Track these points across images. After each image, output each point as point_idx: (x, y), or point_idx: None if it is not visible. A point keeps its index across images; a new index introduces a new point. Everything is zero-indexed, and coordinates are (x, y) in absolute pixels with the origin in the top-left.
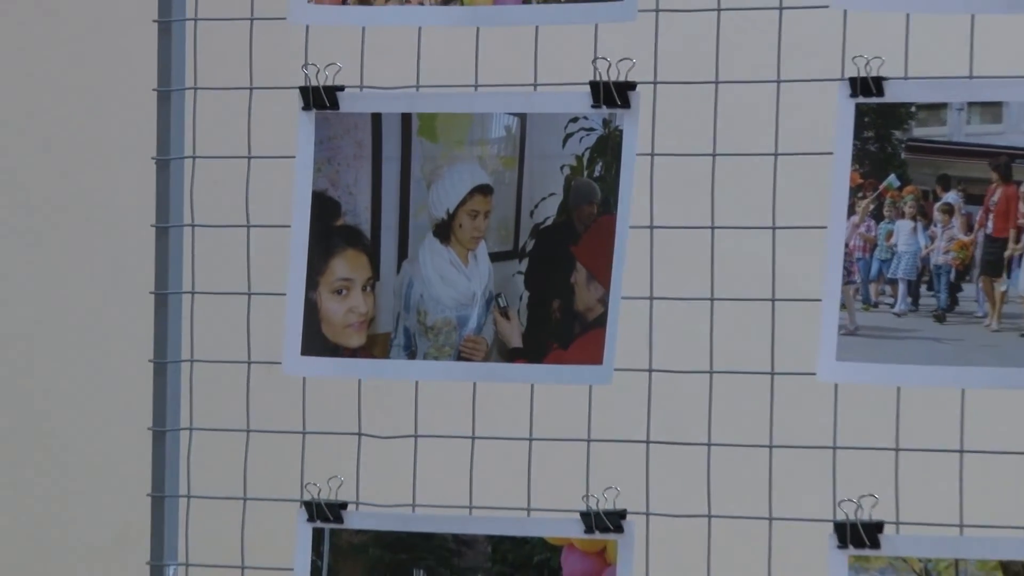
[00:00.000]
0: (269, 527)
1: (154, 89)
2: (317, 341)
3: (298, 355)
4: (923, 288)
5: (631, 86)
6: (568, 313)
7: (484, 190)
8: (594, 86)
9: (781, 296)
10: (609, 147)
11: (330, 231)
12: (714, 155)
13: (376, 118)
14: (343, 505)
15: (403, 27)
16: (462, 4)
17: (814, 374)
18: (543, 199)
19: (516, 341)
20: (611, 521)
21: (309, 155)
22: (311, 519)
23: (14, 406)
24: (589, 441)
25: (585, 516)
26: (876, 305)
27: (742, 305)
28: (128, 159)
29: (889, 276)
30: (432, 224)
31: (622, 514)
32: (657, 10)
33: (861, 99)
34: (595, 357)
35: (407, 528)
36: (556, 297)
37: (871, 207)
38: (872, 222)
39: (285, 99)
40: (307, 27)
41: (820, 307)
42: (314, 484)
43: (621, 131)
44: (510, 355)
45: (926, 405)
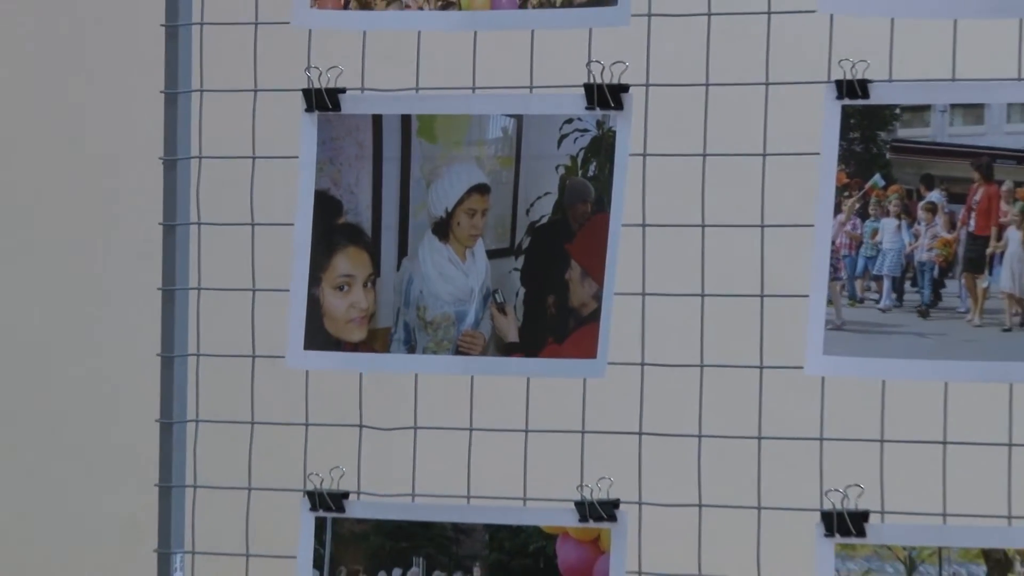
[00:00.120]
0: (273, 516)
1: (162, 91)
2: (319, 336)
3: (301, 349)
4: (907, 284)
5: (624, 88)
6: (563, 309)
7: (481, 189)
8: (588, 88)
9: (770, 292)
10: (603, 148)
11: (332, 229)
12: (704, 155)
13: (377, 119)
14: (345, 495)
15: (403, 31)
16: (460, 9)
17: (802, 368)
18: (539, 198)
19: (512, 336)
20: (604, 510)
21: (312, 155)
22: (314, 508)
23: (27, 398)
24: (583, 433)
25: (579, 505)
26: (862, 301)
27: (732, 301)
28: (136, 159)
29: (874, 273)
30: (431, 222)
31: (615, 503)
32: (649, 15)
33: (847, 101)
34: (589, 351)
35: (407, 517)
36: (551, 293)
37: (857, 206)
38: (858, 220)
39: (288, 101)
40: (310, 31)
41: (807, 303)
42: (317, 474)
43: (614, 132)
44: (507, 349)
45: (910, 398)
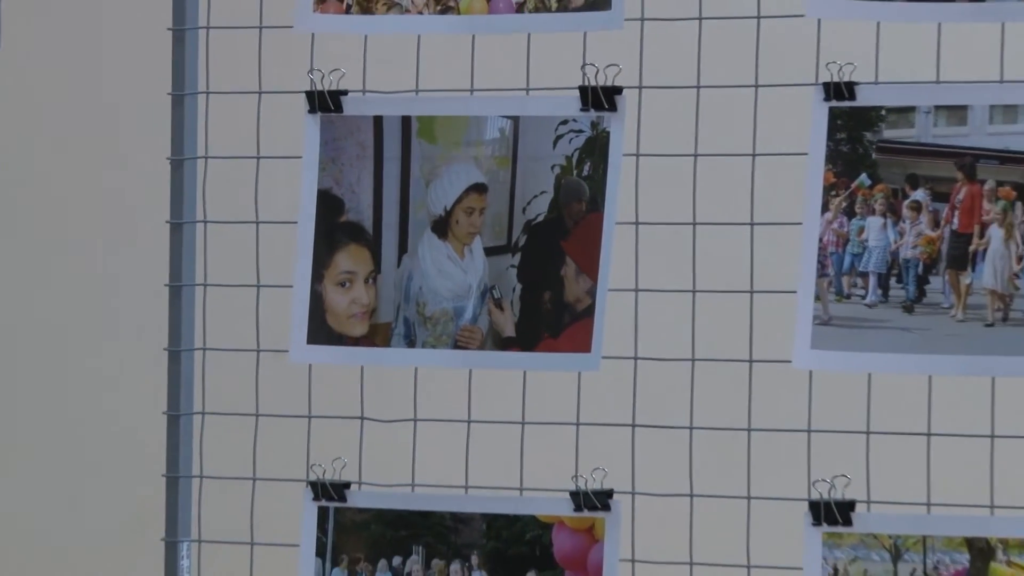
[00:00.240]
0: (277, 506)
1: (168, 93)
2: (322, 331)
3: (304, 344)
4: (892, 280)
5: (617, 90)
6: (558, 304)
7: (479, 188)
8: (583, 90)
9: (759, 288)
10: (597, 148)
11: (334, 227)
12: (696, 156)
13: (378, 120)
14: (347, 485)
15: (403, 35)
16: (459, 13)
17: (790, 362)
18: (535, 197)
19: (509, 331)
20: (599, 500)
21: (314, 155)
22: (316, 498)
23: (37, 392)
24: (578, 425)
25: (574, 495)
26: (848, 297)
27: (722, 297)
28: (144, 159)
29: (861, 269)
30: (430, 220)
31: (609, 493)
32: (642, 19)
33: (834, 103)
34: (584, 346)
35: (407, 507)
36: (547, 289)
37: (844, 204)
38: (845, 219)
39: (292, 103)
40: (312, 35)
41: (796, 299)
42: (319, 465)
43: (608, 133)
44: (504, 344)
45: (895, 391)
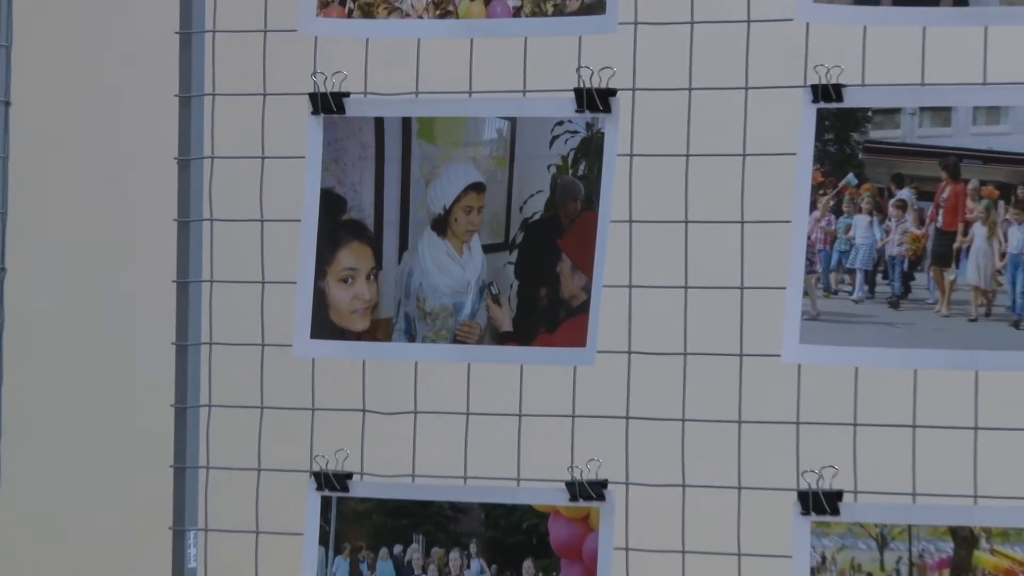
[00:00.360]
0: (281, 496)
1: (176, 95)
2: (325, 326)
3: (307, 338)
4: (879, 277)
5: (612, 92)
6: (554, 300)
7: (478, 187)
8: (578, 92)
9: (749, 285)
10: (592, 148)
11: (337, 225)
12: (688, 155)
13: (379, 122)
14: (349, 475)
15: (403, 38)
16: (457, 17)
17: (779, 356)
18: (531, 196)
19: (507, 325)
20: (593, 490)
21: (317, 156)
22: (319, 488)
23: (49, 385)
24: (573, 417)
25: (570, 485)
26: (836, 292)
27: (713, 293)
28: (152, 160)
29: (848, 266)
30: (430, 219)
31: (604, 483)
32: (636, 23)
33: (822, 104)
34: (579, 340)
35: (407, 496)
36: (543, 285)
37: (831, 203)
38: (832, 217)
39: (295, 104)
40: (315, 38)
41: (785, 295)
42: (322, 456)
43: (603, 133)
44: (501, 338)
45: (882, 384)
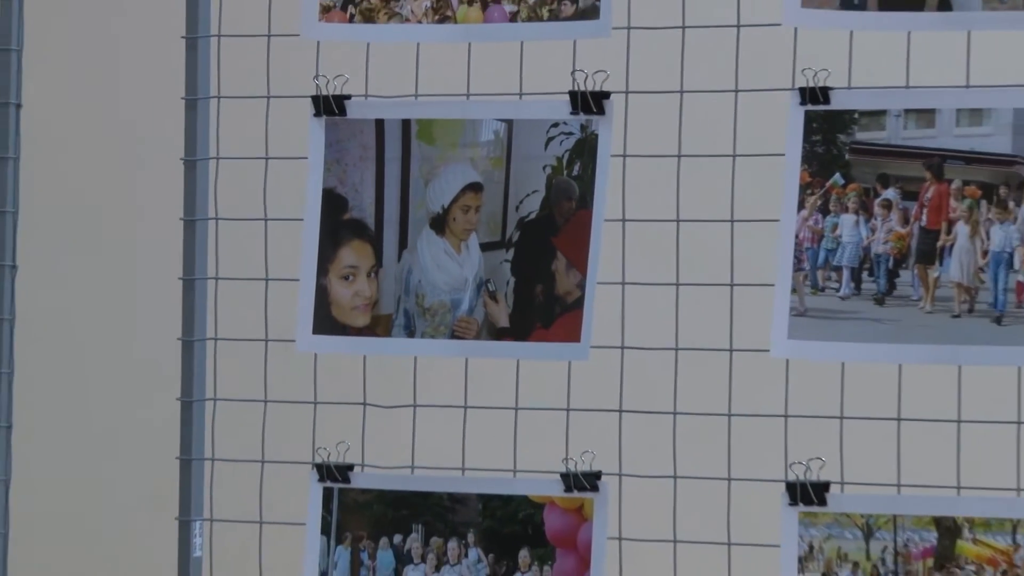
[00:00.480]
0: (284, 487)
1: (182, 98)
2: (327, 321)
3: (310, 334)
4: (865, 274)
5: (605, 95)
6: (550, 297)
7: (475, 187)
8: (573, 95)
9: (739, 282)
10: (586, 149)
11: (338, 224)
12: (679, 156)
13: (379, 123)
14: (350, 467)
15: (403, 43)
16: (456, 22)
17: (768, 351)
18: (527, 195)
19: (503, 321)
20: (587, 481)
21: (319, 157)
22: (321, 479)
23: (59, 380)
24: (568, 410)
25: (564, 477)
26: (823, 289)
27: (704, 290)
28: (159, 160)
29: (834, 264)
30: (429, 218)
31: (597, 475)
32: (629, 28)
33: (809, 107)
34: (574, 336)
35: (407, 487)
36: (539, 282)
37: (818, 203)
38: (819, 216)
39: (298, 107)
40: (318, 43)
41: (773, 291)
42: (324, 448)
43: (597, 135)
44: (498, 334)
45: (867, 378)
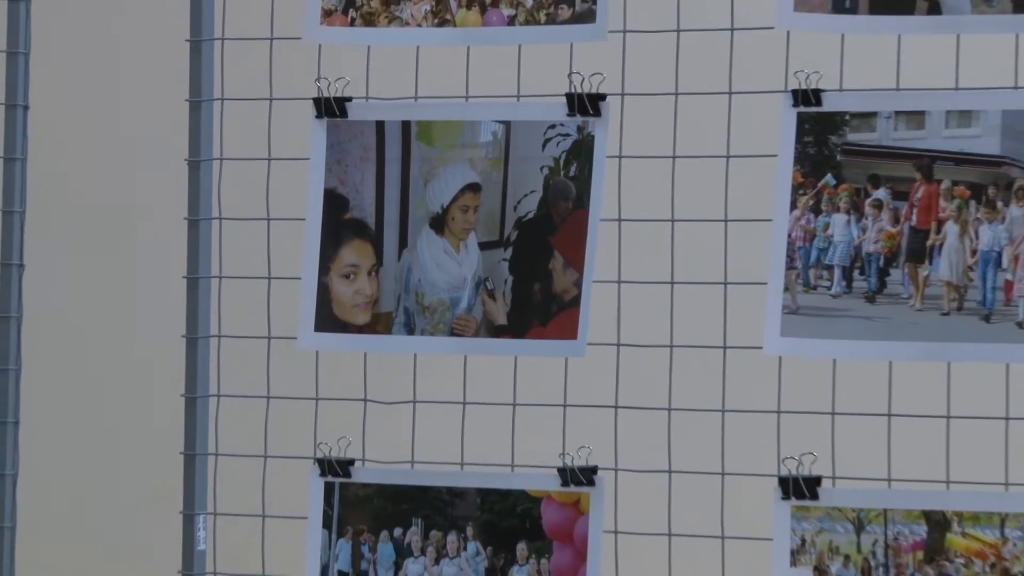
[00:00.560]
0: (286, 481)
1: (186, 100)
2: (328, 319)
3: (311, 331)
4: (856, 273)
5: (602, 97)
6: (547, 295)
7: (474, 188)
8: (569, 97)
9: (732, 280)
10: (583, 150)
11: (339, 224)
12: (674, 157)
13: (380, 125)
14: (351, 462)
15: (403, 46)
16: (455, 26)
17: (761, 348)
18: (525, 196)
19: (502, 319)
20: (584, 476)
21: (321, 157)
22: (323, 474)
23: (65, 377)
24: (565, 406)
25: (561, 471)
26: (815, 288)
27: (698, 288)
28: (164, 161)
29: (826, 262)
30: (428, 217)
31: (594, 470)
32: (625, 31)
33: (802, 108)
34: (570, 333)
35: (407, 482)
36: (536, 281)
37: (810, 203)
38: (811, 215)
39: (300, 109)
40: (319, 46)
41: (766, 290)
42: (325, 444)
43: (593, 136)
44: (496, 331)
45: (858, 375)
